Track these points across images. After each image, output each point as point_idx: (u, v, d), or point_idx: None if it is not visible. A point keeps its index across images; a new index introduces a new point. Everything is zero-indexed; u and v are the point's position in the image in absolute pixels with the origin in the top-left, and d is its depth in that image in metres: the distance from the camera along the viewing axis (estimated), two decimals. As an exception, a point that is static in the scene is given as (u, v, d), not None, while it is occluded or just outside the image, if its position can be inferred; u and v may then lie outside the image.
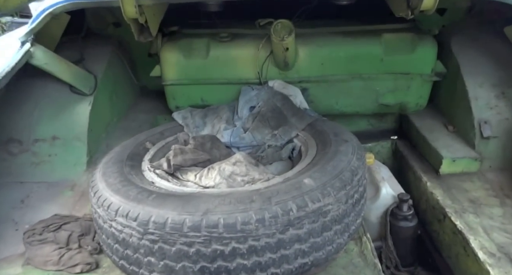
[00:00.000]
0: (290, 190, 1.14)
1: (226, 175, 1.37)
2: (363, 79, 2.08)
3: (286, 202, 1.09)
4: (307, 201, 1.11)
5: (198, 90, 2.20)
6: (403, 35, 2.00)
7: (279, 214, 1.06)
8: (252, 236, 1.03)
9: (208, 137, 1.65)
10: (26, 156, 1.99)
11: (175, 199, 1.10)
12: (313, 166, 1.31)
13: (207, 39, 2.12)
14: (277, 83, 2.02)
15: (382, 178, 1.80)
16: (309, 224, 1.10)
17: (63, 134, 2.02)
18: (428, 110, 2.27)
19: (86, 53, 2.37)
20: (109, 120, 2.36)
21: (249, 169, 1.38)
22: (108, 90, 2.37)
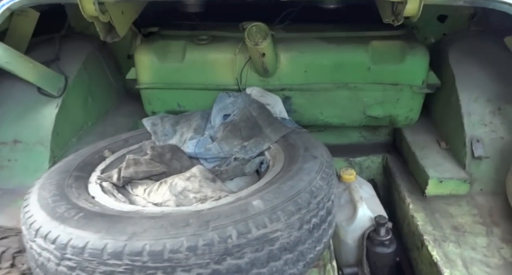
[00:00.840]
0: (234, 213, 1.04)
1: (177, 191, 1.27)
2: (349, 88, 1.96)
3: (225, 227, 0.99)
4: (251, 226, 1.00)
5: (174, 95, 2.12)
6: (392, 43, 1.87)
7: (215, 241, 0.95)
8: (182, 266, 0.92)
9: (169, 147, 1.55)
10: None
11: (102, 220, 1.01)
12: (270, 185, 1.20)
13: (184, 41, 2.04)
14: (255, 91, 1.92)
15: (360, 197, 1.67)
16: (251, 253, 0.99)
17: (26, 138, 1.95)
18: (423, 124, 2.14)
19: (63, 53, 2.32)
20: (82, 124, 2.29)
21: (203, 185, 1.28)
22: (82, 92, 2.30)
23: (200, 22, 2.19)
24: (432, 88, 1.91)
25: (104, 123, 2.44)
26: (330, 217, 1.27)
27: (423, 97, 1.95)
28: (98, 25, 1.69)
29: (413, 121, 2.03)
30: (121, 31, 1.78)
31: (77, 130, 2.25)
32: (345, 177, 1.79)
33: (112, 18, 1.67)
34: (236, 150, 1.62)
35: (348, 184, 1.79)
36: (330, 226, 1.28)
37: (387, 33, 1.89)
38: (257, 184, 1.26)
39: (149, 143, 1.74)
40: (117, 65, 2.71)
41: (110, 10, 1.65)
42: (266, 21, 2.04)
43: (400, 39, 1.89)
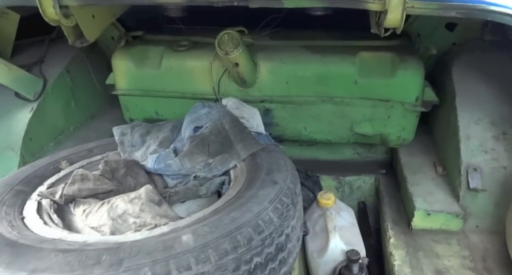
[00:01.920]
0: (157, 250, 0.90)
1: (116, 214, 1.15)
2: (335, 103, 1.78)
3: (140, 269, 0.85)
4: (171, 268, 0.87)
5: (152, 103, 2.02)
6: (381, 54, 1.69)
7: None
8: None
9: (124, 161, 1.44)
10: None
11: (8, 250, 0.90)
12: (212, 215, 1.06)
13: (163, 47, 1.93)
14: (230, 102, 1.78)
15: (334, 227, 1.50)
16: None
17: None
18: (423, 144, 1.94)
19: (50, 55, 2.28)
20: (62, 128, 2.23)
21: (144, 209, 1.15)
22: (64, 96, 2.24)
23: (185, 27, 2.08)
24: (427, 106, 1.71)
25: (87, 128, 2.37)
26: (282, 254, 1.11)
27: (417, 115, 1.75)
28: (64, 29, 1.61)
29: (407, 141, 1.83)
30: (91, 36, 1.69)
31: (55, 135, 2.19)
32: (322, 201, 1.62)
33: (79, 22, 1.59)
34: (198, 168, 1.48)
35: (325, 209, 1.62)
36: (283, 265, 1.12)
37: (378, 43, 1.71)
38: (203, 211, 1.11)
39: (113, 154, 1.64)
40: (109, 69, 2.65)
41: (76, 14, 1.56)
42: (254, 27, 1.91)
43: (392, 50, 1.70)
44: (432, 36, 2.08)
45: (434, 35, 2.08)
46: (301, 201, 1.33)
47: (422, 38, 2.09)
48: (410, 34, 2.08)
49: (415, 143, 1.91)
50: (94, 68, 2.48)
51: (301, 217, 1.30)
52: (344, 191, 2.06)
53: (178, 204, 1.29)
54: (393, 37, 1.77)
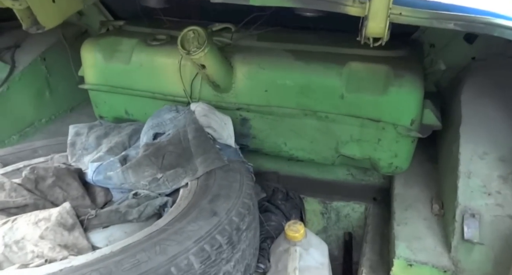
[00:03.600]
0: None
1: (14, 239, 0.94)
2: (318, 118, 1.53)
3: None
4: None
5: (121, 101, 1.83)
6: (374, 66, 1.42)
7: None
8: None
9: (55, 169, 1.23)
10: None
11: None
12: (115, 255, 0.84)
13: (136, 40, 1.73)
14: (199, 107, 1.55)
15: (295, 269, 1.26)
16: None
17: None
18: (425, 173, 1.65)
19: (28, 41, 2.14)
20: (31, 120, 2.09)
21: (46, 235, 0.95)
22: (35, 85, 2.09)
23: (180, 20, 1.87)
24: (425, 132, 1.43)
25: (62, 121, 2.22)
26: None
27: (413, 141, 1.48)
28: (17, 12, 1.43)
29: (401, 170, 1.56)
30: (47, 22, 1.51)
31: (21, 127, 2.04)
32: (288, 234, 1.37)
33: (31, 6, 1.40)
34: (143, 183, 1.27)
35: (291, 243, 1.37)
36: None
37: (374, 52, 1.44)
38: (110, 247, 0.90)
39: (59, 157, 1.46)
40: None
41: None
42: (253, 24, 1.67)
43: (390, 62, 1.43)
44: (448, 48, 1.80)
45: (451, 47, 1.80)
46: (250, 237, 1.09)
47: (436, 49, 1.82)
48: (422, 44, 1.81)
49: (416, 171, 1.63)
50: (78, 57, 2.31)
51: (247, 257, 1.07)
52: (330, 218, 1.81)
53: (100, 230, 1.07)
54: (395, 47, 1.53)
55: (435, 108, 1.49)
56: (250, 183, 1.27)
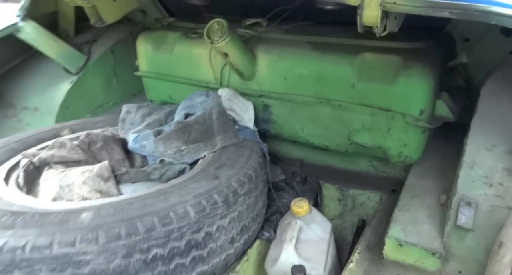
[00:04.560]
0: (51, 223, 0.91)
1: (66, 183, 1.19)
2: (332, 106, 1.58)
3: (24, 237, 0.87)
4: (55, 241, 0.86)
5: (166, 87, 2.06)
6: (386, 57, 1.41)
7: (15, 249, 0.84)
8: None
9: (103, 136, 1.48)
10: (14, 121, 2.19)
11: None
12: (133, 200, 1.02)
13: (179, 33, 1.94)
14: (225, 92, 1.71)
15: (291, 238, 1.34)
16: (48, 271, 0.86)
17: (42, 107, 2.14)
18: (444, 166, 1.61)
19: (103, 36, 2.48)
20: (101, 102, 2.41)
21: (88, 182, 1.17)
22: (105, 73, 2.41)
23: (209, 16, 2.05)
24: (435, 122, 1.40)
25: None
26: (197, 251, 1.03)
27: (423, 131, 1.45)
28: (86, 10, 1.72)
29: (411, 160, 1.54)
30: (109, 18, 1.78)
31: (93, 107, 2.38)
32: (293, 209, 1.46)
33: (96, 4, 1.67)
34: (170, 153, 1.46)
35: (296, 217, 1.46)
36: (198, 263, 1.04)
37: (390, 44, 1.44)
38: (131, 194, 1.09)
39: (112, 129, 1.72)
40: None
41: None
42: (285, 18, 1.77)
43: (403, 53, 1.42)
44: (483, 42, 1.70)
45: (486, 41, 1.70)
46: (249, 203, 1.22)
47: (471, 43, 1.73)
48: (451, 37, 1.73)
49: (435, 165, 1.59)
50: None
51: (244, 219, 1.19)
52: (347, 205, 1.84)
53: (129, 184, 1.28)
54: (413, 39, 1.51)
55: (451, 100, 1.44)
56: (258, 159, 1.38)
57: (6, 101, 2.23)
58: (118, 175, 1.28)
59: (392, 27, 1.18)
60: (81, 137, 1.46)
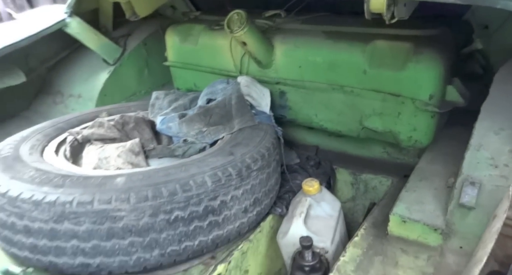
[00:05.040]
0: (92, 184, 1.04)
1: (103, 156, 1.34)
2: (345, 92, 1.63)
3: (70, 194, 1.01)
4: (95, 198, 1.00)
5: (191, 75, 2.18)
6: (397, 44, 1.44)
7: (65, 203, 0.99)
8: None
9: (135, 118, 1.62)
10: (62, 106, 2.41)
11: (11, 162, 1.17)
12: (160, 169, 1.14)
13: (203, 26, 2.05)
14: (244, 80, 1.79)
15: (301, 213, 1.42)
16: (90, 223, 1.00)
17: (85, 94, 2.34)
18: (456, 153, 1.61)
19: (137, 30, 2.65)
20: (134, 90, 2.58)
21: (122, 156, 1.31)
22: (138, 64, 2.58)
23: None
24: (445, 107, 1.41)
25: None
26: (214, 217, 1.13)
27: (433, 116, 1.46)
28: (122, 5, 1.86)
29: (421, 144, 1.56)
30: (141, 12, 1.91)
31: (127, 95, 2.55)
32: (304, 188, 1.53)
33: (131, 0, 1.81)
34: (192, 133, 1.58)
35: (306, 196, 1.53)
36: (214, 227, 1.15)
37: (402, 32, 1.46)
38: (157, 166, 1.21)
39: (144, 113, 1.86)
40: None
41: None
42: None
43: (414, 40, 1.44)
44: (502, 29, 1.67)
45: (506, 29, 1.67)
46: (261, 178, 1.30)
47: (490, 31, 1.70)
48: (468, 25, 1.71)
49: (448, 151, 1.60)
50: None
51: (256, 192, 1.28)
52: (359, 189, 1.89)
53: (156, 159, 1.41)
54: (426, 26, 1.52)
55: (463, 86, 1.45)
56: (272, 140, 1.46)
57: (55, 89, 2.45)
58: (147, 151, 1.41)
59: (401, 14, 1.21)
60: (116, 118, 1.61)
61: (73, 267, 1.04)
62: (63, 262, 1.03)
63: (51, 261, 1.03)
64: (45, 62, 2.46)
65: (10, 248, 1.07)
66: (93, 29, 2.34)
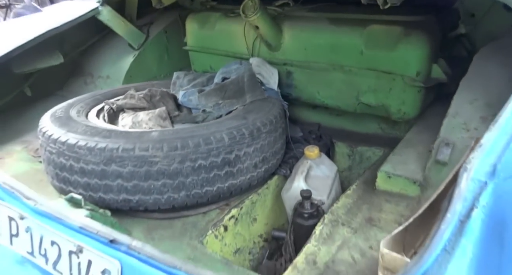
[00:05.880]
0: (133, 136, 1.26)
1: (137, 120, 1.55)
2: (344, 71, 1.80)
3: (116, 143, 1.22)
4: (136, 147, 1.21)
5: (208, 58, 2.37)
6: (390, 28, 1.60)
7: (120, 149, 1.22)
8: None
9: (161, 91, 1.83)
10: (92, 87, 2.63)
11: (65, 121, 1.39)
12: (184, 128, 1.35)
13: (219, 14, 2.22)
14: (255, 61, 1.98)
15: (302, 172, 1.61)
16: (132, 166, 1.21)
17: (112, 75, 2.55)
18: (440, 123, 1.78)
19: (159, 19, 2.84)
20: (155, 74, 2.78)
21: (152, 120, 1.52)
22: (159, 50, 2.77)
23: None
24: (428, 83, 1.58)
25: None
26: (229, 168, 1.33)
27: (419, 90, 1.63)
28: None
29: (409, 116, 1.73)
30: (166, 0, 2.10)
31: (149, 77, 2.75)
32: (306, 153, 1.72)
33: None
34: (210, 105, 1.77)
35: (307, 159, 1.72)
36: (229, 176, 1.35)
37: (395, 18, 1.62)
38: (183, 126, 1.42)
39: (166, 90, 2.06)
40: None
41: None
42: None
43: (404, 25, 1.60)
44: (487, 16, 1.82)
45: (490, 16, 1.81)
46: (269, 140, 1.50)
47: (477, 18, 1.85)
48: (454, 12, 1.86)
49: (433, 123, 1.76)
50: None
51: (265, 151, 1.48)
52: (355, 159, 2.06)
53: (180, 124, 1.62)
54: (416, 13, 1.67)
55: (447, 66, 1.61)
56: (278, 110, 1.65)
57: (86, 71, 2.67)
58: (172, 117, 1.62)
59: (393, 0, 1.37)
60: (145, 91, 1.81)
61: (118, 202, 1.25)
62: (110, 198, 1.25)
63: (101, 196, 1.25)
64: (78, 46, 2.67)
65: (67, 187, 1.29)
66: (121, 17, 2.54)
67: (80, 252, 1.02)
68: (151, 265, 0.91)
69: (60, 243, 1.06)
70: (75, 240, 1.03)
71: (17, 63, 2.16)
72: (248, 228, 1.50)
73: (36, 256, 1.14)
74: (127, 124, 1.55)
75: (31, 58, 2.22)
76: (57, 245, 1.07)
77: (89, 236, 1.01)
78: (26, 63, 2.21)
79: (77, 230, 1.03)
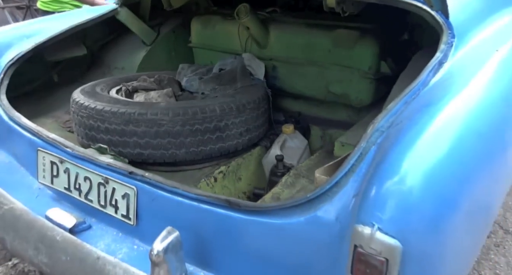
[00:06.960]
0: (145, 105, 1.59)
1: (149, 97, 1.89)
2: (316, 66, 2.14)
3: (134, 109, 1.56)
4: (148, 112, 1.54)
5: (208, 55, 2.70)
6: (350, 32, 1.96)
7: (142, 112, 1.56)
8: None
9: (168, 77, 2.16)
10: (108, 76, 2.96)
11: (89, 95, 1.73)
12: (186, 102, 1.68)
13: (219, 17, 2.56)
14: (246, 56, 2.32)
15: (278, 142, 1.95)
16: (146, 127, 1.54)
17: (127, 67, 2.88)
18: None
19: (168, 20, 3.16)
20: (164, 67, 3.10)
21: (161, 96, 1.86)
22: (168, 47, 3.09)
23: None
24: (378, 75, 1.93)
25: None
26: (219, 133, 1.67)
27: (371, 81, 1.97)
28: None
29: (364, 102, 2.07)
30: (175, 3, 2.44)
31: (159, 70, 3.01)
32: (283, 128, 2.06)
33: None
34: (208, 89, 2.11)
35: (284, 134, 2.06)
36: (219, 140, 1.68)
37: (355, 24, 1.97)
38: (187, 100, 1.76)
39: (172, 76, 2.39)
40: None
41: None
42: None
43: (361, 30, 1.95)
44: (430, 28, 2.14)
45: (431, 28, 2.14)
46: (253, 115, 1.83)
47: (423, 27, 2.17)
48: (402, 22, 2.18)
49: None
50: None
51: (249, 123, 1.81)
52: (326, 140, 2.40)
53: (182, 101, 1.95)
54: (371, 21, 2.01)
55: (392, 63, 1.95)
56: (262, 93, 1.98)
57: (104, 63, 3.00)
58: (177, 96, 1.95)
59: (350, 10, 1.71)
60: (155, 76, 2.14)
61: (133, 155, 1.58)
62: (127, 152, 1.58)
63: (120, 151, 1.58)
64: (98, 41, 3.00)
65: (94, 144, 1.62)
66: (136, 17, 2.86)
67: (106, 183, 1.35)
68: (159, 188, 1.24)
69: (91, 178, 1.39)
70: (103, 174, 1.35)
71: (49, 52, 2.49)
72: (234, 184, 1.83)
73: (72, 190, 1.48)
74: (140, 100, 1.88)
75: (61, 48, 2.54)
76: (89, 179, 1.40)
77: (113, 171, 1.34)
78: (57, 52, 2.54)
79: (105, 167, 1.36)
